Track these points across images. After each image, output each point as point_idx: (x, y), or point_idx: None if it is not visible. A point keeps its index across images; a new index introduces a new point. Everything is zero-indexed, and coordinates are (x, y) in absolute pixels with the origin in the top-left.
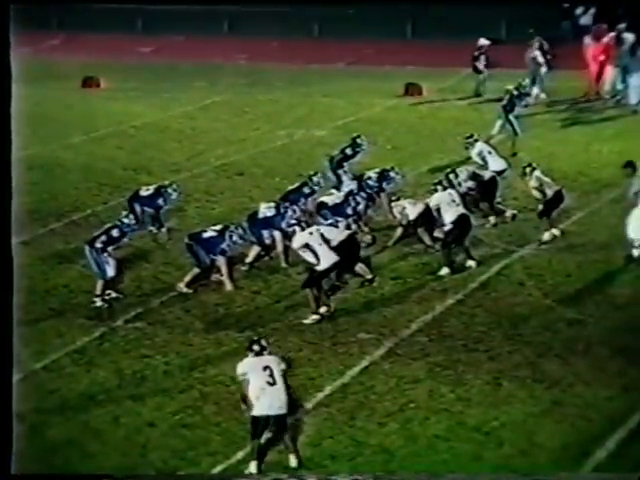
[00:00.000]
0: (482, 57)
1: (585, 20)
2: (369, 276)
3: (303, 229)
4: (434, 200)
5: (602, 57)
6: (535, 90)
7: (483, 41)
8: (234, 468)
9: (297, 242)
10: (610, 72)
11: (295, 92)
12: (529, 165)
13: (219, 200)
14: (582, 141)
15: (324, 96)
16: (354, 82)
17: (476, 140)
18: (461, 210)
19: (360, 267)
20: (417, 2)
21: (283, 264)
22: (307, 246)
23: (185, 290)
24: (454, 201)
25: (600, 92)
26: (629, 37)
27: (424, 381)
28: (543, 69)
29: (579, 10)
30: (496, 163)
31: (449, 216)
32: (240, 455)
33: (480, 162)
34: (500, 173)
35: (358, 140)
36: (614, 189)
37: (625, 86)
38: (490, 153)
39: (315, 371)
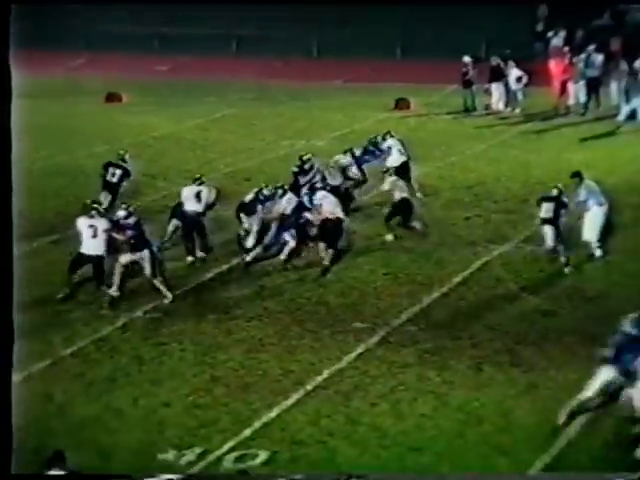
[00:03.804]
0: (470, 73)
1: (556, 42)
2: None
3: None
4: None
5: (564, 75)
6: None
7: (467, 58)
8: (242, 444)
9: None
10: (572, 88)
11: (296, 106)
12: (387, 170)
13: (229, 203)
14: (554, 150)
15: (322, 110)
16: (350, 97)
17: (391, 135)
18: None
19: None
20: (405, 24)
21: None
22: None
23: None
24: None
25: (568, 106)
26: (598, 57)
27: (413, 366)
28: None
29: (550, 33)
30: (398, 158)
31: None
32: (247, 432)
33: (382, 152)
34: (404, 166)
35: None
36: None
37: (623, 101)
38: (399, 151)
39: (315, 357)
